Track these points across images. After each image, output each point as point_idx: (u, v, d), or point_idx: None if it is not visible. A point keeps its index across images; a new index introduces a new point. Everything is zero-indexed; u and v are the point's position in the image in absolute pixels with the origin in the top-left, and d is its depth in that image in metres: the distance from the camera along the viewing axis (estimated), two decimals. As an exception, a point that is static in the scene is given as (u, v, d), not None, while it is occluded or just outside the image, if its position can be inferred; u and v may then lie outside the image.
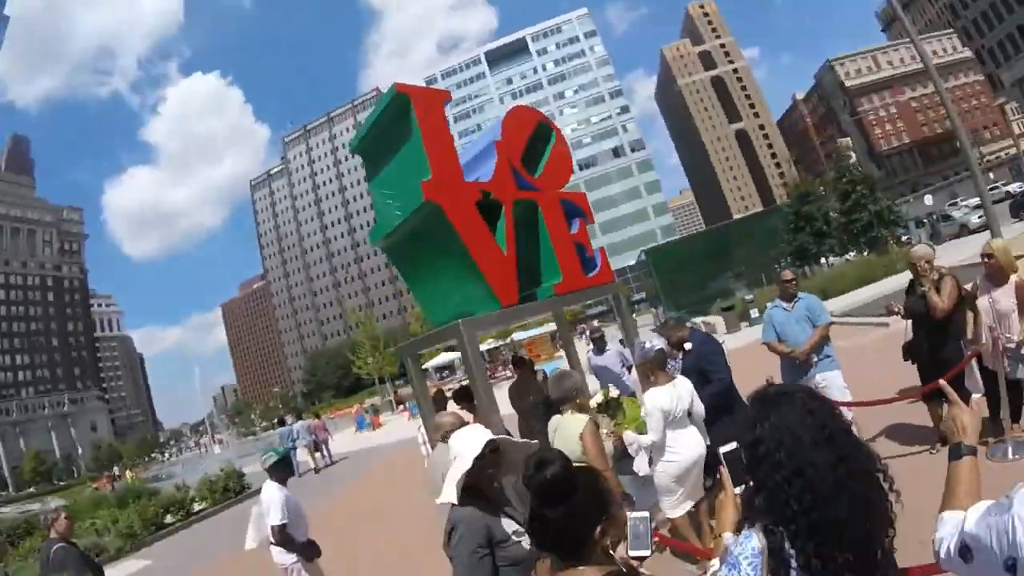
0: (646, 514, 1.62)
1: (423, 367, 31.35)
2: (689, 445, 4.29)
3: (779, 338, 5.70)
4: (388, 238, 5.12)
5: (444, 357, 36.30)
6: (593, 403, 4.71)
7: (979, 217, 23.86)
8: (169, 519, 14.19)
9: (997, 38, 61.39)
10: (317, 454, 18.60)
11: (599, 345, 7.95)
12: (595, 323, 28.00)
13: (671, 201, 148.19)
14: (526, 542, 2.34)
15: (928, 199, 36.45)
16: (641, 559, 1.61)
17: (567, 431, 3.77)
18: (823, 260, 28.06)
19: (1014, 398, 4.69)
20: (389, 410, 33.84)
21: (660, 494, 4.31)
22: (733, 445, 1.72)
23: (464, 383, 7.41)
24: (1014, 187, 31.73)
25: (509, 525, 2.53)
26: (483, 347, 36.21)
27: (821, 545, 1.32)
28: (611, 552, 1.52)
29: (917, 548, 1.64)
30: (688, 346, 5.25)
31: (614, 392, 5.00)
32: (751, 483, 1.48)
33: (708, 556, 1.56)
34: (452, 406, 6.41)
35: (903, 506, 1.42)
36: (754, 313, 19.42)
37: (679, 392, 4.30)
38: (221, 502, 15.31)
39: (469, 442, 2.59)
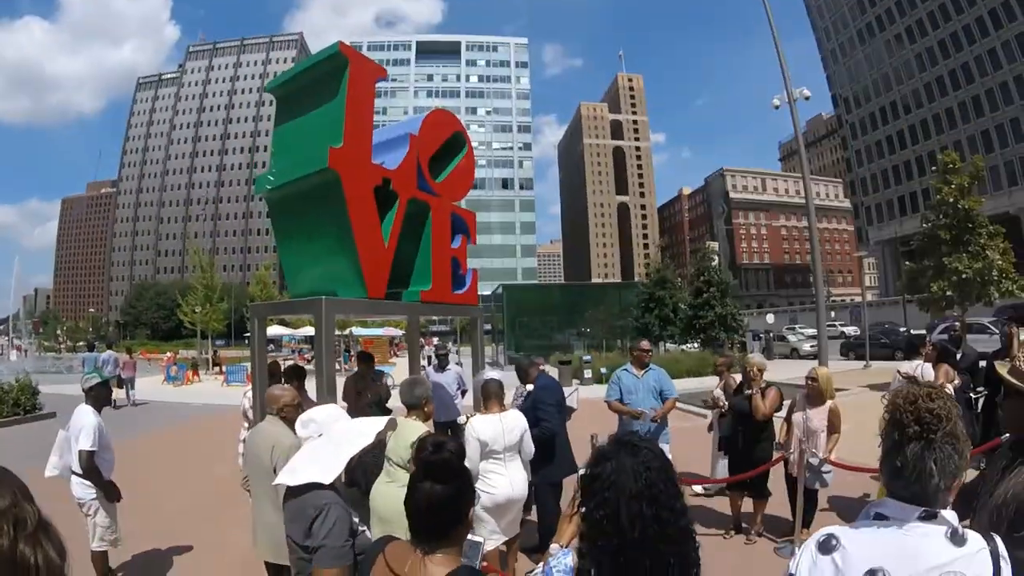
0: (480, 539, 1.73)
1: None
2: (505, 483, 4.19)
3: (622, 401, 6.01)
4: (276, 191, 4.91)
5: (276, 330, 34.56)
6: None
7: (811, 346, 26.61)
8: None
9: (876, 201, 69.82)
10: (120, 390, 17.25)
11: (441, 362, 7.99)
12: (437, 340, 28.02)
13: (540, 247, 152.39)
14: (368, 533, 2.29)
15: (770, 317, 40.00)
16: None
17: (404, 435, 3.70)
18: (662, 344, 29.83)
19: (809, 507, 5.31)
20: (203, 368, 31.47)
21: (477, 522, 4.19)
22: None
23: (293, 363, 7.16)
24: (849, 330, 35.52)
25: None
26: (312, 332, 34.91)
27: None
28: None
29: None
30: (530, 387, 5.43)
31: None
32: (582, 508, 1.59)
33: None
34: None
35: None
36: (587, 373, 20.35)
37: (505, 426, 4.26)
38: (8, 416, 13.64)
39: (361, 422, 2.54)
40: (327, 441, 2.51)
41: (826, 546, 1.39)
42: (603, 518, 1.47)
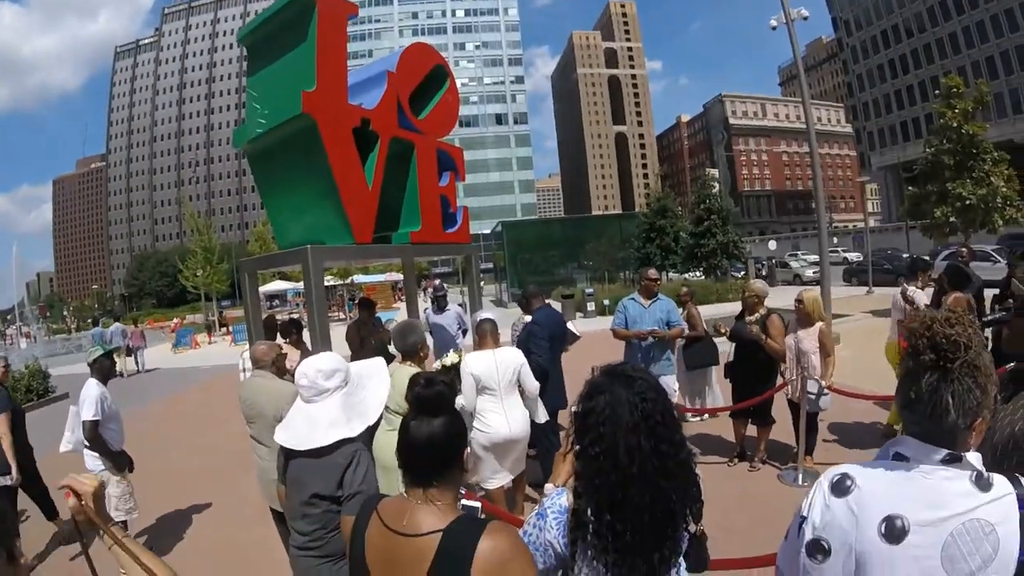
0: (478, 504, 1.66)
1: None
2: (502, 421, 4.09)
3: (626, 327, 5.88)
4: (253, 143, 4.76)
5: (277, 285, 34.51)
6: (437, 365, 4.44)
7: (814, 272, 26.50)
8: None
9: (879, 126, 68.28)
10: (129, 358, 17.67)
11: (440, 303, 7.94)
12: (437, 282, 28.05)
13: (538, 182, 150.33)
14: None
15: (772, 244, 39.74)
16: None
17: (399, 382, 3.64)
18: (665, 274, 29.81)
19: (810, 434, 5.27)
20: (212, 331, 31.64)
21: (476, 461, 4.13)
22: None
23: (293, 315, 7.12)
24: (852, 256, 35.32)
25: None
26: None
27: (616, 520, 1.40)
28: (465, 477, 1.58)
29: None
30: (527, 319, 5.36)
31: (453, 358, 4.50)
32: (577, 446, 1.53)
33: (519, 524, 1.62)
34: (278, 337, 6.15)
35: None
36: (590, 306, 20.35)
37: (499, 360, 4.16)
38: (23, 403, 13.68)
39: (368, 365, 2.50)
40: (351, 392, 2.45)
41: (840, 487, 1.26)
42: (599, 454, 1.42)
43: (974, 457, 1.21)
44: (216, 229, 48.50)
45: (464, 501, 1.63)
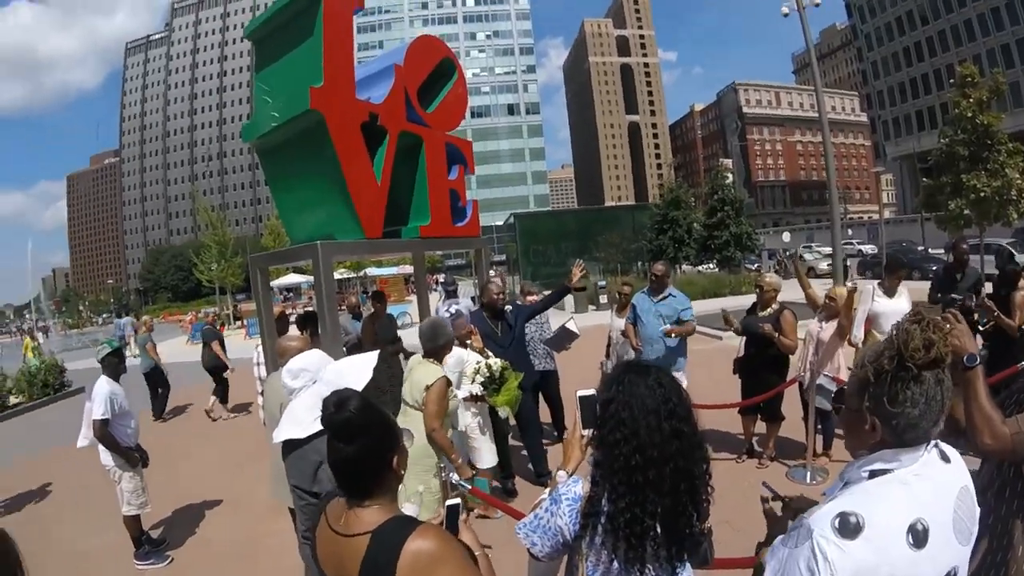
0: (458, 502, 1.67)
1: (271, 284, 29.70)
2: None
3: (635, 324, 5.87)
4: (263, 138, 4.77)
5: (292, 278, 34.74)
6: (473, 372, 4.43)
7: (828, 264, 26.25)
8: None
9: (894, 115, 67.17)
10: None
11: (449, 295, 7.98)
12: (443, 276, 28.06)
13: (551, 173, 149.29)
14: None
15: (786, 236, 39.34)
16: None
17: (419, 377, 3.69)
18: (678, 266, 29.65)
19: (827, 428, 5.23)
20: (227, 325, 31.86)
21: (474, 445, 4.47)
22: (591, 391, 1.80)
23: (309, 309, 7.17)
24: (867, 248, 34.86)
25: None
26: (335, 274, 35.22)
27: (633, 505, 1.44)
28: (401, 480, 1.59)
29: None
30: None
31: (497, 363, 4.49)
32: (596, 435, 1.57)
33: (517, 516, 1.65)
34: (294, 331, 6.19)
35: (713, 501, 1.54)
36: (603, 299, 20.24)
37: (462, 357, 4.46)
38: (39, 397, 13.91)
39: (354, 360, 2.51)
40: (324, 387, 2.47)
41: (847, 527, 1.16)
42: (621, 440, 1.47)
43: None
44: (230, 223, 48.91)
45: (448, 501, 1.67)
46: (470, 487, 2.07)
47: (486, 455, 4.53)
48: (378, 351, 2.73)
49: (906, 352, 1.24)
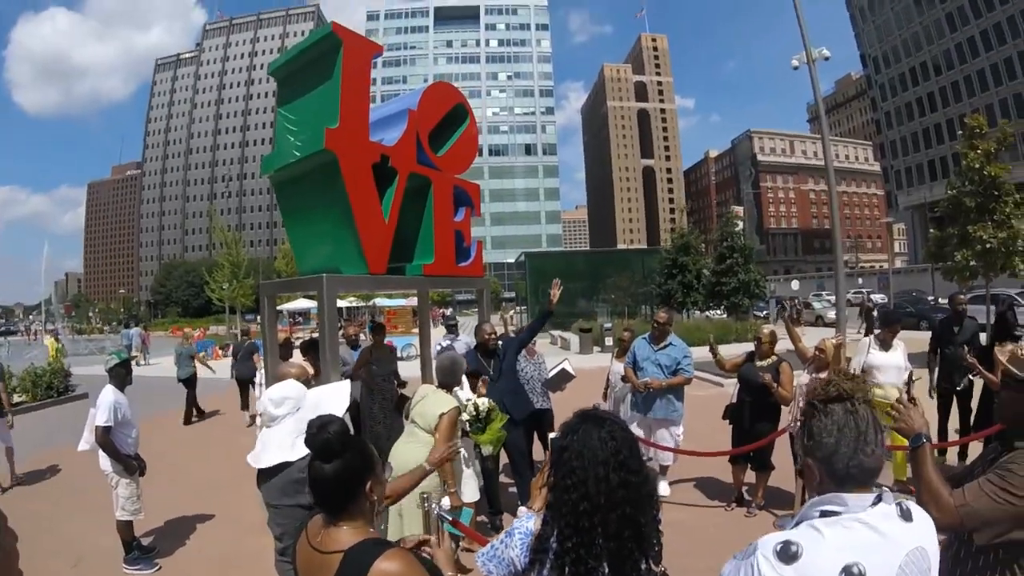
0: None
1: (280, 307, 29.94)
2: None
3: (635, 370, 5.98)
4: (280, 172, 4.98)
5: (302, 303, 35.07)
6: (465, 415, 4.55)
7: (835, 313, 26.12)
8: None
9: (906, 164, 67.55)
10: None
11: (451, 330, 8.12)
12: (448, 311, 28.15)
13: (565, 213, 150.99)
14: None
15: (795, 284, 39.35)
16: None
17: (432, 405, 3.97)
18: (685, 311, 29.65)
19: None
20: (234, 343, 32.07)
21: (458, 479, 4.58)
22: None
23: (314, 335, 7.35)
24: (877, 297, 34.73)
25: None
26: (344, 303, 35.43)
27: (579, 546, 1.54)
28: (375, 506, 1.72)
29: None
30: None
31: (485, 403, 4.70)
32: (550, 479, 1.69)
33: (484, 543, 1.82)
34: (298, 356, 6.38)
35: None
36: (608, 341, 20.32)
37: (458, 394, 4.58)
38: (42, 399, 14.09)
39: (328, 391, 2.68)
40: (307, 413, 2.61)
41: (787, 554, 1.27)
42: (571, 486, 1.56)
43: (887, 492, 1.37)
44: (245, 243, 49.50)
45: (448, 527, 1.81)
46: (450, 519, 2.22)
47: (469, 489, 4.65)
48: (348, 380, 2.90)
49: (812, 397, 1.44)
